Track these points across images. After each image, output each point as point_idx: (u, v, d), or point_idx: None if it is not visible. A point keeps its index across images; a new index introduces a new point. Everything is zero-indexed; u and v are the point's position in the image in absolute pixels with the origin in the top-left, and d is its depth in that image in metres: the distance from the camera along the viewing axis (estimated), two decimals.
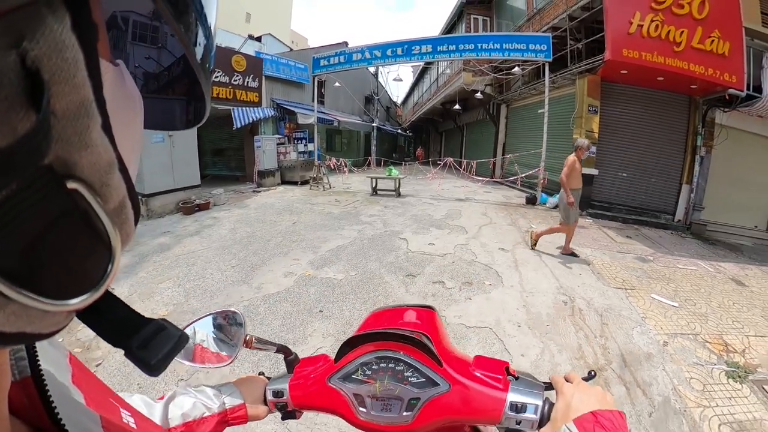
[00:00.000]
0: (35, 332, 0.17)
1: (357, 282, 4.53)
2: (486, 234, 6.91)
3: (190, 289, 4.32)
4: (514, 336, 3.47)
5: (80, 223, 0.17)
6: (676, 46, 7.62)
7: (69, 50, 0.14)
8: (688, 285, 4.95)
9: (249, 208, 9.05)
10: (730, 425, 2.52)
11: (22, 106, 0.13)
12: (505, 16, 15.61)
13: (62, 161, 0.15)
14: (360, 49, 12.32)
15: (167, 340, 0.30)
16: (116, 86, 0.21)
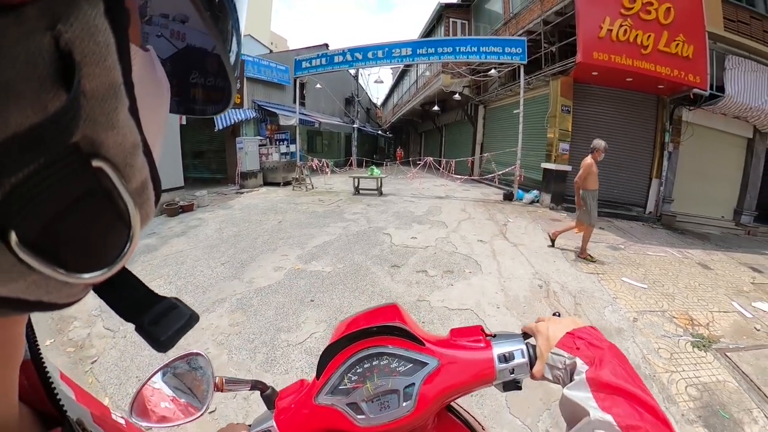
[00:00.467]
0: (52, 302, 0.18)
1: (345, 274, 4.69)
2: (465, 228, 7.16)
3: (181, 286, 4.39)
4: (494, 316, 3.71)
5: (103, 200, 0.18)
6: (643, 49, 8.11)
7: (101, 34, 0.15)
8: (657, 269, 5.30)
9: (233, 208, 9.07)
10: (695, 387, 2.80)
11: (53, 86, 0.14)
12: (483, 20, 16.05)
13: (89, 140, 0.16)
14: (341, 51, 12.52)
15: (178, 318, 0.31)
16: (145, 71, 0.22)
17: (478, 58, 11.03)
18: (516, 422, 2.40)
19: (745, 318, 4.01)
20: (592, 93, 9.78)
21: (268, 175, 13.18)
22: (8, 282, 0.15)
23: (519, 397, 2.60)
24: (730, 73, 8.95)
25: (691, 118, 9.49)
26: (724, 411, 2.57)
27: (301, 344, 3.21)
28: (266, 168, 13.18)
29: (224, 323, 3.56)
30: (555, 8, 9.82)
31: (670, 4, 8.09)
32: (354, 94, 23.35)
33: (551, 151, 9.79)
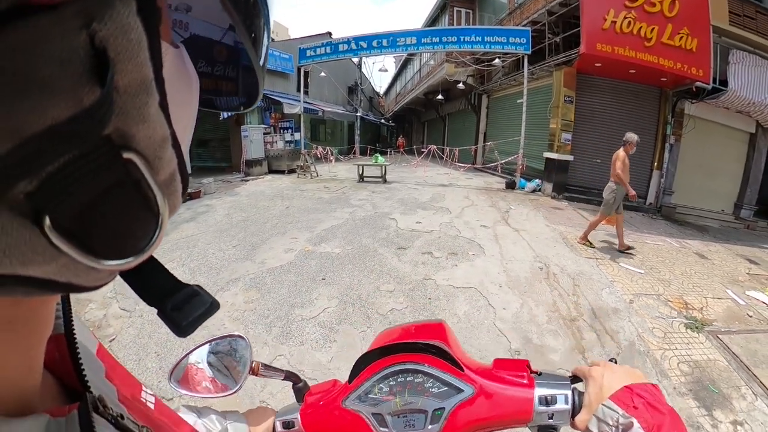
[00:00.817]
0: (81, 284, 0.20)
1: (353, 254, 4.88)
2: (468, 214, 7.33)
3: (195, 268, 4.56)
4: (497, 294, 3.90)
5: (132, 190, 0.19)
6: (647, 42, 8.13)
7: (134, 32, 0.16)
8: (654, 257, 5.47)
9: (240, 195, 9.23)
10: (687, 363, 2.98)
11: (88, 81, 0.15)
12: (487, 9, 16.03)
13: (121, 133, 0.17)
14: (346, 40, 12.56)
15: (200, 305, 0.32)
16: (175, 67, 0.23)
17: (483, 48, 11.08)
18: None
19: (738, 305, 4.17)
20: (595, 84, 9.84)
21: (272, 163, 13.28)
22: (41, 264, 0.16)
23: None
24: (733, 68, 8.96)
25: (693, 111, 9.54)
26: (714, 386, 2.74)
27: (315, 318, 3.39)
28: (271, 156, 13.28)
29: (239, 300, 3.74)
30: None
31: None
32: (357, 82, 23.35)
33: (554, 141, 9.87)
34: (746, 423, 2.42)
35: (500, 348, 3.02)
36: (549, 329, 3.31)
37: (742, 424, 2.41)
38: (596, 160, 10.04)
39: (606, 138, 9.97)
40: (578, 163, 9.85)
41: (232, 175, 12.82)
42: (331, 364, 2.79)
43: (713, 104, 9.32)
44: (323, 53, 12.87)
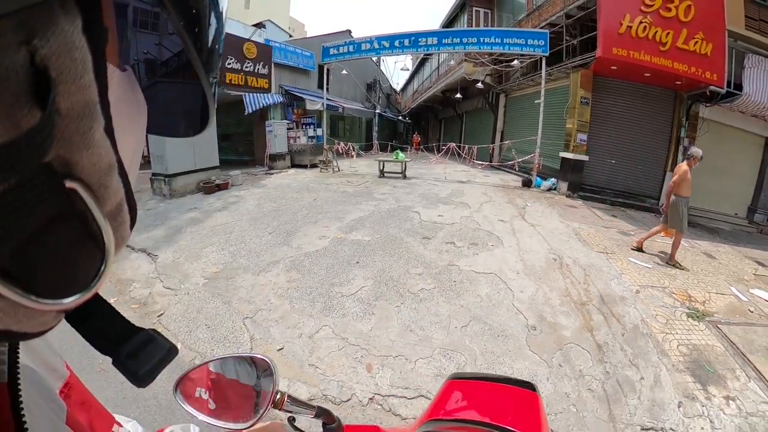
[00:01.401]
0: (22, 331, 0.18)
1: (382, 242, 5.33)
2: (487, 209, 7.71)
3: (234, 251, 5.03)
4: (514, 280, 4.31)
5: (76, 223, 0.18)
6: (662, 46, 8.37)
7: (78, 51, 0.15)
8: (663, 255, 5.79)
9: (267, 187, 9.71)
10: (686, 346, 3.33)
11: (27, 103, 0.13)
12: (506, 9, 16.24)
13: (63, 160, 0.16)
14: (368, 39, 12.96)
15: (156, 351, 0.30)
16: (122, 91, 0.22)
17: (502, 49, 11.37)
18: (535, 357, 3.01)
19: (740, 301, 4.45)
20: (611, 86, 10.10)
21: (295, 158, 13.77)
22: None
23: (537, 339, 3.22)
24: (749, 72, 9.10)
25: (707, 114, 9.70)
26: (710, 367, 3.07)
27: (353, 295, 3.85)
28: (294, 151, 13.76)
29: (282, 280, 4.21)
30: (578, 2, 10.07)
31: (690, 2, 8.28)
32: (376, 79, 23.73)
33: (569, 141, 10.17)
34: (738, 399, 2.73)
35: (518, 324, 3.44)
36: (561, 310, 3.72)
37: (734, 399, 2.72)
38: (610, 161, 10.34)
39: (621, 139, 10.29)
40: (593, 164, 10.15)
41: (256, 168, 13.32)
42: (371, 333, 3.23)
43: (728, 108, 9.46)
44: (346, 52, 13.30)
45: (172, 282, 4.11)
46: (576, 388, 2.68)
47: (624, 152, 10.34)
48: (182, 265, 4.61)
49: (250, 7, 36.91)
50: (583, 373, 2.85)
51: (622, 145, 10.31)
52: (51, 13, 0.13)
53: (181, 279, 4.22)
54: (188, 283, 4.11)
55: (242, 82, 12.43)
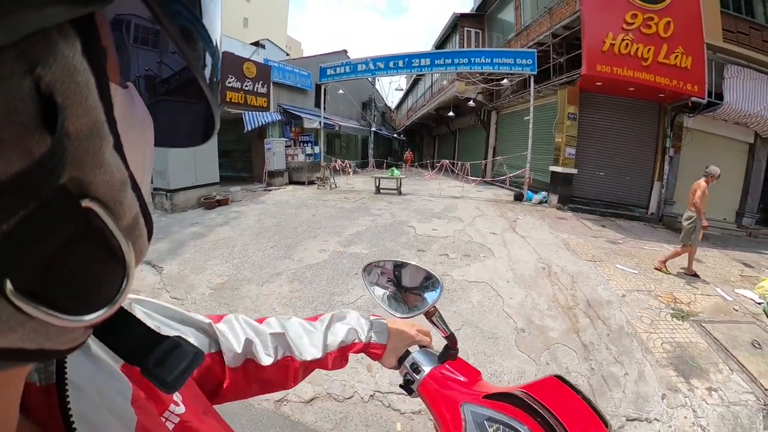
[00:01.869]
0: (54, 348, 0.18)
1: (380, 255, 5.54)
2: (479, 223, 7.97)
3: (238, 264, 5.21)
4: (504, 287, 4.54)
5: (95, 240, 0.18)
6: (644, 61, 8.81)
7: (80, 74, 0.15)
8: (649, 260, 6.03)
9: (266, 203, 9.92)
10: (670, 344, 3.53)
11: (37, 129, 0.14)
12: (496, 29, 16.83)
13: (76, 181, 0.16)
14: (364, 60, 13.43)
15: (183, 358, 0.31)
16: (126, 107, 0.22)
17: (492, 69, 11.80)
18: (523, 356, 3.21)
19: (725, 301, 4.66)
20: (597, 101, 10.50)
21: (293, 175, 14.02)
22: (7, 332, 0.15)
23: (525, 340, 3.43)
24: (729, 82, 9.53)
25: (691, 124, 10.10)
26: (693, 362, 3.26)
27: (353, 303, 4.05)
28: (292, 168, 14.03)
29: (285, 290, 4.40)
30: (563, 22, 10.55)
31: (670, 18, 8.75)
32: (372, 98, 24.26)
33: (559, 156, 10.49)
34: (720, 390, 2.91)
35: (508, 327, 3.65)
36: (549, 314, 3.94)
37: (717, 390, 2.90)
38: (599, 173, 10.67)
39: (609, 152, 10.66)
40: (582, 176, 10.49)
41: (254, 184, 13.55)
42: None
43: (711, 117, 9.84)
44: (342, 72, 13.75)
45: (178, 292, 4.28)
46: None
47: (612, 164, 10.70)
48: (188, 276, 4.78)
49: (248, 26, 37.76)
50: (570, 369, 3.05)
51: (610, 158, 10.68)
52: (50, 39, 0.14)
53: (187, 289, 4.40)
54: (195, 293, 4.29)
55: (242, 101, 12.65)
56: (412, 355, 0.80)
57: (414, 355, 0.80)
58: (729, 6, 9.94)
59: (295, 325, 0.74)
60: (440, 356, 0.80)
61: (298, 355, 0.70)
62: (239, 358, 0.64)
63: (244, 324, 0.68)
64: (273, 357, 0.67)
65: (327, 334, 0.75)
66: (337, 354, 0.74)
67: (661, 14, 8.76)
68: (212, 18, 0.25)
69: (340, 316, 0.79)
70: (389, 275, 0.88)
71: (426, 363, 0.78)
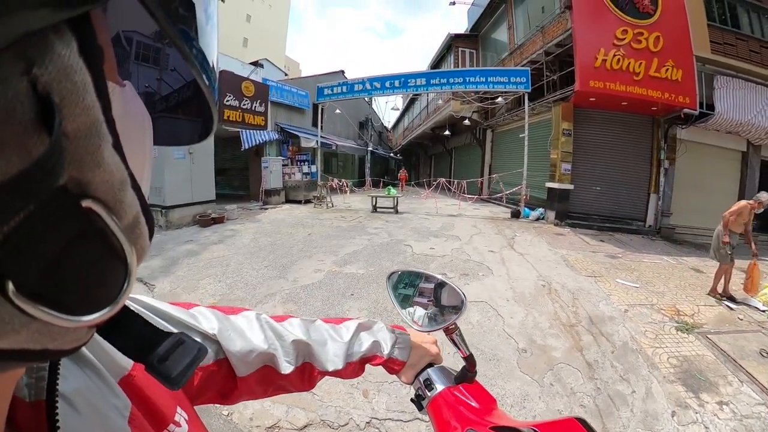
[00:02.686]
0: (58, 348, 0.18)
1: (376, 275, 5.42)
2: (477, 241, 7.88)
3: (231, 283, 5.09)
4: (504, 306, 4.42)
5: (97, 240, 0.18)
6: (635, 76, 8.95)
7: (77, 73, 0.15)
8: (650, 273, 5.96)
9: (262, 222, 9.83)
10: (676, 358, 3.44)
11: (35, 130, 0.14)
12: (489, 49, 17.11)
13: (76, 181, 0.16)
14: (361, 80, 13.56)
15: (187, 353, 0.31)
16: (124, 106, 0.22)
17: (486, 87, 11.90)
18: (526, 378, 3.09)
19: (729, 310, 4.60)
20: (591, 117, 10.60)
21: (290, 193, 14.00)
22: (10, 334, 0.15)
23: (528, 361, 3.31)
24: (719, 92, 9.73)
25: (684, 135, 10.23)
26: (701, 375, 3.17)
27: None
28: (288, 186, 14.01)
29: (279, 311, 4.27)
30: (555, 40, 10.75)
31: (659, 33, 8.96)
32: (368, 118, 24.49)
33: (554, 172, 10.53)
34: (731, 403, 2.81)
35: (509, 347, 3.53)
36: (551, 333, 3.82)
37: (728, 404, 2.81)
38: (595, 188, 10.68)
39: (604, 166, 10.72)
40: (578, 192, 10.47)
41: (251, 203, 13.52)
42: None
43: (703, 127, 9.99)
44: (339, 92, 13.85)
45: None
46: (568, 404, 2.76)
47: (608, 178, 10.72)
48: (180, 295, 4.67)
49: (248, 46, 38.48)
50: (575, 390, 2.93)
51: (606, 172, 10.70)
52: (46, 39, 0.14)
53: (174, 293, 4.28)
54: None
55: (240, 119, 12.76)
56: (428, 370, 0.77)
57: (430, 371, 0.77)
58: (715, 19, 10.23)
59: (319, 330, 0.71)
60: (456, 377, 0.76)
61: (320, 365, 0.68)
62: (253, 365, 0.60)
63: (267, 326, 0.65)
64: (293, 365, 0.65)
65: (351, 343, 0.73)
66: (356, 365, 0.73)
67: (651, 29, 8.95)
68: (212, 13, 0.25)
69: (366, 325, 0.77)
70: (413, 286, 0.87)
71: (440, 381, 0.75)
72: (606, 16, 9.03)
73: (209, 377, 0.55)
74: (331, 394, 2.80)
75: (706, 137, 10.40)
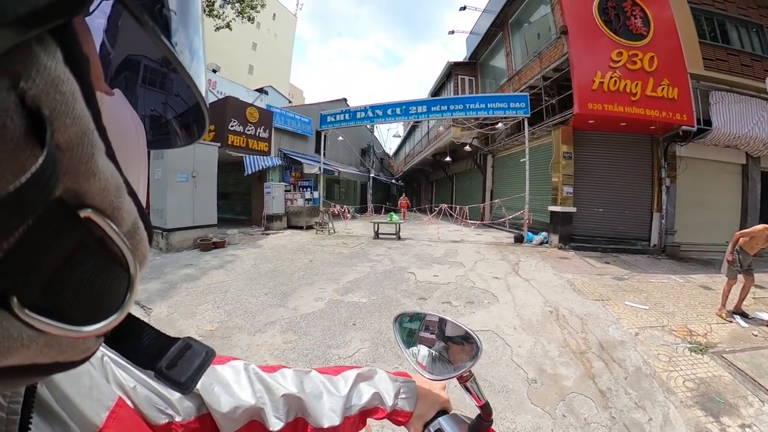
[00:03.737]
0: (68, 360, 0.19)
1: (379, 304, 5.30)
2: (481, 267, 7.75)
3: (230, 310, 4.97)
4: (512, 335, 4.28)
5: (98, 249, 0.18)
6: (633, 96, 9.07)
7: (65, 84, 0.15)
8: (658, 294, 5.82)
9: (263, 248, 9.74)
10: (692, 381, 3.29)
11: (27, 145, 0.14)
12: (488, 76, 17.44)
13: (72, 192, 0.16)
14: (363, 108, 13.80)
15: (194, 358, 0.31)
16: (115, 113, 0.22)
17: (486, 114, 12.05)
18: (537, 410, 2.94)
19: (743, 327, 4.47)
20: (591, 139, 10.67)
21: (292, 219, 13.95)
22: (20, 349, 0.15)
23: (538, 391, 3.17)
24: (715, 107, 9.81)
25: (683, 152, 10.27)
26: (720, 397, 3.03)
27: (351, 357, 3.78)
28: (290, 212, 13.98)
29: (278, 341, 4.14)
30: (553, 65, 10.92)
31: (653, 53, 9.13)
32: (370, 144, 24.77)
33: (557, 195, 10.51)
34: (754, 425, 2.67)
35: (518, 378, 3.38)
36: (561, 361, 3.67)
37: (750, 426, 2.66)
38: (598, 209, 10.63)
39: (606, 187, 10.73)
40: (581, 214, 10.42)
41: (252, 228, 13.49)
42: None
43: (702, 143, 10.04)
44: (342, 119, 14.08)
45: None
46: None
47: (610, 199, 10.69)
48: (177, 320, 4.56)
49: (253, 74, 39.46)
50: (588, 420, 2.78)
51: (608, 193, 10.68)
52: (30, 51, 0.14)
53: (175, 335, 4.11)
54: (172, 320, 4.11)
55: (243, 144, 12.90)
56: (439, 420, 0.72)
57: (441, 421, 0.71)
58: (706, 36, 10.51)
59: (314, 382, 0.65)
60: (471, 426, 0.70)
61: (314, 421, 0.62)
62: (239, 422, 0.55)
63: (255, 378, 0.59)
64: (284, 421, 0.59)
65: (349, 396, 0.67)
66: (356, 419, 0.67)
67: (644, 50, 9.13)
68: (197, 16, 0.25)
69: (366, 375, 0.72)
70: (422, 330, 0.79)
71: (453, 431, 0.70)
72: (601, 40, 9.23)
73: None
74: None
75: (705, 153, 10.44)
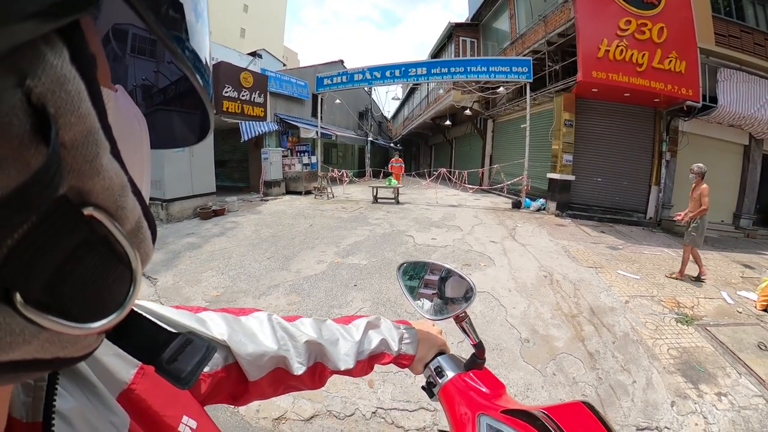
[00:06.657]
0: (69, 356, 0.19)
1: (379, 266, 5.46)
2: (478, 231, 7.89)
3: (234, 275, 5.11)
4: (506, 297, 4.46)
5: (101, 247, 0.18)
6: (638, 67, 8.86)
7: (71, 83, 0.15)
8: (650, 265, 6.00)
9: (263, 214, 9.82)
10: (676, 349, 3.48)
11: (32, 142, 0.14)
12: (491, 38, 16.95)
13: (76, 190, 0.16)
14: (361, 70, 13.43)
15: (195, 352, 0.31)
16: (119, 112, 0.22)
17: (488, 77, 11.80)
18: (529, 367, 3.13)
19: (728, 303, 4.64)
20: (593, 107, 10.54)
21: (290, 185, 13.96)
22: (22, 345, 0.15)
23: (530, 350, 3.35)
24: (722, 85, 9.65)
25: (686, 128, 10.17)
26: (700, 366, 3.22)
27: None
28: (289, 178, 13.97)
29: (282, 303, 4.31)
30: (558, 30, 10.63)
31: (663, 24, 8.83)
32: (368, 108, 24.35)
33: (556, 162, 10.52)
34: (729, 395, 2.86)
35: (512, 337, 3.56)
36: (553, 323, 3.86)
37: (726, 395, 2.86)
38: (596, 179, 10.67)
39: (606, 158, 10.68)
40: (580, 183, 10.46)
41: (251, 194, 13.47)
42: None
43: (705, 120, 9.94)
44: (339, 82, 13.73)
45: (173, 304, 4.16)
46: (570, 394, 2.80)
47: (609, 170, 10.71)
48: (183, 288, 4.69)
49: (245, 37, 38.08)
50: (577, 380, 2.97)
51: (607, 163, 10.69)
52: (37, 50, 0.14)
53: (182, 302, 4.28)
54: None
55: (239, 111, 12.63)
56: (438, 358, 0.79)
57: (440, 359, 0.79)
58: (720, 10, 10.10)
59: (331, 329, 0.72)
60: (466, 364, 0.78)
61: (332, 364, 0.69)
62: (265, 368, 0.60)
63: (278, 327, 0.65)
64: (305, 365, 0.65)
65: (361, 342, 0.73)
66: (366, 363, 0.74)
67: (654, 20, 8.83)
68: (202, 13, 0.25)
69: (374, 323, 0.78)
70: (419, 278, 0.89)
71: (450, 368, 0.77)
72: (609, 6, 8.91)
73: (218, 384, 0.55)
74: (336, 385, 2.83)
75: (708, 130, 10.35)
